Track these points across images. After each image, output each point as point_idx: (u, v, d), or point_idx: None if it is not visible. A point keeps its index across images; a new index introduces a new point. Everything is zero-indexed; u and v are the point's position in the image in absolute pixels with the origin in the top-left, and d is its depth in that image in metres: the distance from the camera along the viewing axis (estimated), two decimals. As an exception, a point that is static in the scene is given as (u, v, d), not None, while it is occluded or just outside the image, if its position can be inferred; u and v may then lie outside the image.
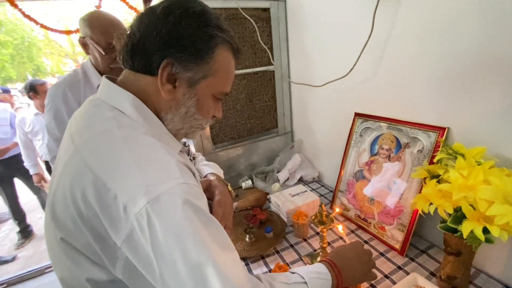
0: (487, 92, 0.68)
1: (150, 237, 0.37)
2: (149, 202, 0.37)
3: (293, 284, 0.50)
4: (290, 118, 1.53)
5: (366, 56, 0.94)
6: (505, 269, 0.74)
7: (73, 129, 0.47)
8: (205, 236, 0.39)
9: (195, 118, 0.52)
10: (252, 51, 1.29)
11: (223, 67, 0.50)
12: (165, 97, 0.48)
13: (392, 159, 0.91)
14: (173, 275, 0.37)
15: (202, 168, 0.73)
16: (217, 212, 0.55)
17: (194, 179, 0.45)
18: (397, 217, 0.88)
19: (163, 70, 0.46)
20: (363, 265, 0.62)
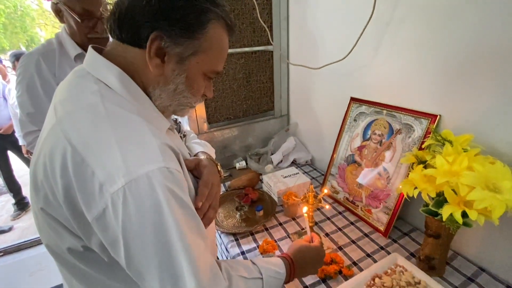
0: (481, 83, 0.68)
1: (123, 217, 0.37)
2: (127, 183, 0.37)
3: (251, 279, 0.52)
4: (287, 100, 1.52)
5: (365, 39, 0.93)
6: (479, 252, 0.77)
7: (57, 99, 0.46)
8: (179, 219, 0.40)
9: (184, 96, 0.50)
10: (251, 29, 1.26)
11: (215, 44, 0.48)
12: (153, 71, 0.46)
13: (383, 144, 0.93)
14: (142, 254, 0.39)
15: (193, 146, 0.72)
16: (202, 191, 0.54)
17: (176, 162, 0.45)
18: (383, 200, 0.90)
19: (152, 43, 0.44)
20: (315, 266, 0.67)
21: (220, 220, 1.04)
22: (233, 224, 1.02)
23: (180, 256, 0.39)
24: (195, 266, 0.40)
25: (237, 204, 1.11)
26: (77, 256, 0.45)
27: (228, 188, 1.23)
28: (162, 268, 0.39)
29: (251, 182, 1.22)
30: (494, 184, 0.57)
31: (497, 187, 0.57)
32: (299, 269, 0.62)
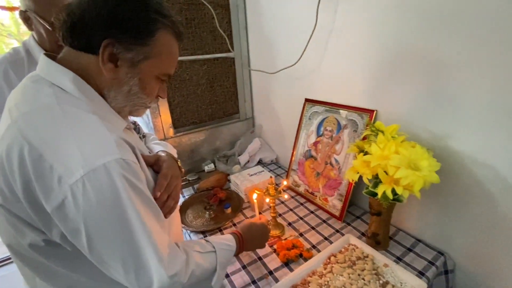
0: (404, 81, 0.81)
1: (84, 206, 0.40)
2: (86, 174, 0.40)
3: (205, 253, 0.59)
4: (251, 104, 1.60)
5: (313, 46, 1.04)
6: (416, 226, 0.91)
7: (11, 103, 0.48)
8: (136, 205, 0.44)
9: (139, 97, 0.54)
10: (211, 37, 1.32)
11: (166, 50, 0.52)
12: (107, 75, 0.49)
13: (334, 139, 1.04)
14: (104, 240, 0.42)
15: (153, 147, 0.75)
16: (160, 183, 0.57)
17: (133, 155, 0.48)
18: (337, 188, 1.01)
19: (104, 49, 0.47)
20: (261, 240, 0.79)
21: (189, 220, 1.07)
22: (202, 223, 1.06)
23: (140, 238, 0.44)
24: (155, 245, 0.45)
25: (206, 204, 1.15)
26: (39, 251, 0.47)
27: (197, 190, 1.26)
28: (124, 251, 0.43)
29: (219, 182, 1.27)
30: (415, 164, 0.69)
31: (417, 166, 0.69)
32: (247, 242, 0.72)
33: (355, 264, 0.78)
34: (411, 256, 0.84)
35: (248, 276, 0.80)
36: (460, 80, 0.68)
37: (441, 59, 0.71)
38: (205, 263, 0.57)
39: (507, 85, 0.61)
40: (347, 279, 0.73)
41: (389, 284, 0.72)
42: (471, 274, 0.80)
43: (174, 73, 0.58)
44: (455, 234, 0.81)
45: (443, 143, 0.76)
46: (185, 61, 1.28)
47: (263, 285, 0.77)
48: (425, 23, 0.71)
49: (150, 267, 0.45)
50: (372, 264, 0.77)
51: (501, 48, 0.60)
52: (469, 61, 0.66)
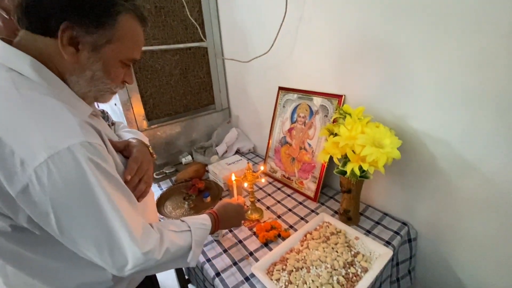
0: (368, 66, 0.86)
1: (50, 190, 0.40)
2: (50, 157, 0.40)
3: (180, 232, 0.61)
4: (226, 94, 1.61)
5: (284, 34, 1.07)
6: (383, 202, 0.98)
7: None
8: (105, 187, 0.44)
9: (103, 82, 0.53)
10: (183, 26, 1.30)
11: (129, 34, 0.51)
12: (68, 60, 0.48)
13: (307, 124, 1.08)
14: (74, 222, 0.43)
15: (123, 134, 0.75)
16: (130, 167, 0.57)
17: (98, 138, 0.48)
18: (311, 171, 1.06)
19: (63, 32, 0.45)
20: (237, 219, 0.82)
21: (168, 211, 1.07)
22: (181, 213, 1.06)
23: (112, 218, 0.44)
24: (127, 224, 0.46)
25: (185, 195, 1.15)
26: (7, 237, 0.47)
27: (175, 182, 1.26)
28: (96, 232, 0.44)
29: (198, 173, 1.27)
30: (379, 142, 0.75)
31: (381, 144, 0.75)
32: (222, 220, 0.76)
33: (329, 239, 0.84)
34: (379, 228, 0.91)
35: (229, 258, 0.82)
36: (416, 64, 0.75)
37: (398, 45, 0.76)
38: (180, 241, 0.59)
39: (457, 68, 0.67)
40: (322, 253, 0.78)
41: (359, 254, 0.78)
42: (431, 241, 0.90)
43: (140, 58, 0.57)
44: (416, 206, 0.89)
45: (403, 122, 0.82)
46: (156, 51, 1.25)
47: (244, 265, 0.80)
48: (385, 12, 0.76)
49: (124, 245, 0.45)
50: (344, 238, 0.83)
51: (447, 36, 0.66)
52: (422, 47, 0.72)
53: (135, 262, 0.47)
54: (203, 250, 0.86)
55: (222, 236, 0.91)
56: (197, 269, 0.87)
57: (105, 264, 0.47)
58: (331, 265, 0.74)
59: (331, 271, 0.72)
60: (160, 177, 1.35)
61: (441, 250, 0.87)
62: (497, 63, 0.61)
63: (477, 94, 0.66)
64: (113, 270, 0.48)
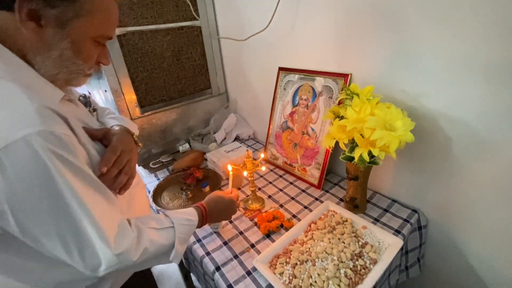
0: (375, 41, 0.78)
1: (3, 185, 0.36)
2: (1, 149, 0.36)
3: (162, 229, 0.56)
4: (223, 77, 1.52)
5: (283, 7, 0.97)
6: (391, 188, 0.93)
7: None
8: (70, 182, 0.40)
9: (74, 63, 0.47)
10: (173, 4, 1.19)
11: (100, 6, 0.46)
12: (29, 37, 0.42)
13: (309, 107, 1.01)
14: (35, 220, 0.39)
15: (107, 121, 0.69)
16: (107, 157, 0.51)
17: (64, 126, 0.43)
18: (314, 158, 1.00)
19: (21, 4, 0.40)
20: (227, 215, 0.78)
21: (165, 202, 1.02)
22: (179, 204, 1.01)
23: (79, 217, 0.40)
24: (96, 224, 0.42)
25: (182, 185, 1.10)
26: None
27: (172, 171, 1.20)
28: (62, 232, 0.40)
29: (196, 161, 1.21)
30: (390, 125, 0.68)
31: (392, 127, 0.68)
32: (211, 215, 0.71)
33: (334, 229, 0.79)
34: (388, 216, 0.86)
35: (230, 251, 0.78)
36: (427, 36, 0.66)
37: (410, 15, 0.68)
38: (161, 239, 0.55)
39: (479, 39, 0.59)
40: (327, 244, 0.73)
41: (368, 244, 0.73)
42: (441, 228, 0.85)
43: (114, 36, 0.52)
44: (428, 192, 0.83)
45: (416, 102, 0.75)
46: (145, 31, 1.16)
47: (245, 258, 0.76)
48: (398, -26, 0.67)
49: (95, 246, 0.42)
50: (351, 227, 0.78)
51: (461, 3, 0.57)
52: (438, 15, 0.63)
53: (108, 264, 0.44)
54: (202, 243, 0.82)
55: (222, 228, 0.87)
56: (197, 263, 0.83)
57: (76, 265, 0.44)
58: (337, 257, 0.69)
59: (338, 264, 0.68)
60: (156, 166, 1.29)
61: (453, 238, 0.83)
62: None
63: (502, 68, 0.58)
64: (86, 270, 0.44)
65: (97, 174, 0.49)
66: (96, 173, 0.48)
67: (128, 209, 0.62)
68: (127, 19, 1.09)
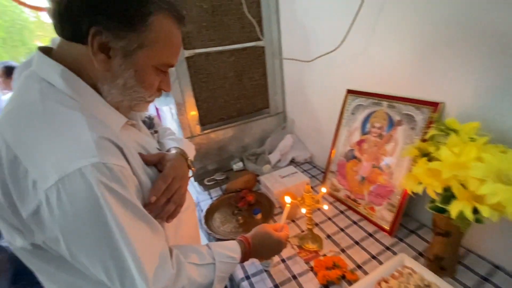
0: (482, 64, 0.62)
1: (59, 213, 0.37)
2: (60, 179, 0.37)
3: (202, 265, 0.54)
4: (282, 97, 1.47)
5: (358, 27, 0.87)
6: (494, 248, 0.71)
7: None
8: (117, 214, 0.40)
9: (136, 91, 0.49)
10: (239, 25, 1.21)
11: (163, 36, 0.47)
12: (99, 67, 0.44)
13: (383, 137, 0.87)
14: (83, 249, 0.40)
15: (166, 142, 0.70)
16: (157, 186, 0.52)
17: (118, 157, 0.43)
18: (386, 197, 0.85)
19: (93, 38, 0.42)
20: (271, 254, 0.72)
21: (216, 225, 0.99)
22: (230, 229, 0.97)
23: (123, 251, 0.40)
24: (138, 259, 0.41)
25: (234, 208, 1.06)
26: (31, 254, 0.45)
27: (224, 192, 1.18)
28: (105, 260, 0.41)
29: (248, 184, 1.17)
30: (507, 176, 0.51)
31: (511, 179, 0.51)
32: (254, 252, 0.66)
33: (414, 295, 0.63)
34: (488, 287, 0.66)
35: (281, 298, 0.69)
36: None
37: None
38: (200, 277, 0.53)
39: None
40: (405, 317, 0.59)
41: (463, 328, 0.56)
42: None
43: (176, 63, 0.52)
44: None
45: (546, 146, 0.56)
46: (212, 53, 1.18)
47: (299, 312, 0.66)
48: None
49: (134, 279, 0.42)
50: (437, 297, 0.62)
51: None
52: None
53: None
54: (251, 282, 0.75)
55: (273, 266, 0.79)
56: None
57: None
58: None
59: None
60: (211, 183, 1.29)
61: None
62: None
63: None
64: None
65: (147, 201, 0.49)
66: (145, 200, 0.49)
67: (175, 235, 0.61)
68: (195, 41, 1.13)
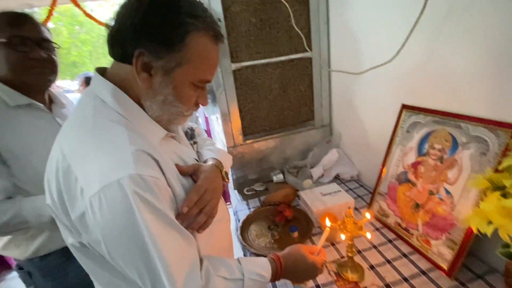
0: None
1: (100, 219, 0.41)
2: (101, 188, 0.41)
3: (231, 280, 0.53)
4: (328, 109, 1.40)
5: (417, 36, 0.79)
6: None
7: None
8: (149, 224, 0.42)
9: (174, 106, 0.52)
10: (287, 37, 1.20)
11: (199, 54, 0.49)
12: (142, 85, 0.49)
13: (445, 161, 0.75)
14: (120, 253, 0.43)
15: (204, 153, 0.72)
16: (190, 197, 0.53)
17: (154, 169, 0.46)
18: (446, 231, 0.73)
19: (137, 59, 0.47)
20: (303, 278, 0.67)
21: (251, 238, 0.99)
22: (264, 244, 0.95)
23: (153, 256, 0.43)
24: (167, 266, 0.43)
25: (270, 223, 1.04)
26: (79, 251, 0.50)
27: (262, 204, 1.17)
28: (138, 265, 0.43)
29: (287, 198, 1.14)
30: None
31: None
32: (286, 273, 0.63)
33: None
34: None
35: (313, 329, 0.64)
36: None
37: None
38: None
39: None
40: None
41: None
42: None
43: (212, 78, 0.54)
44: None
45: None
46: (258, 65, 1.20)
47: None
48: None
49: (165, 286, 0.44)
50: None
51: None
52: None
53: None
54: (282, 305, 0.71)
55: (306, 291, 0.74)
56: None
57: None
58: None
59: None
60: (250, 193, 1.30)
61: None
62: None
63: None
64: None
65: (179, 211, 0.51)
66: (179, 210, 0.51)
67: (206, 246, 0.61)
68: (243, 55, 1.17)
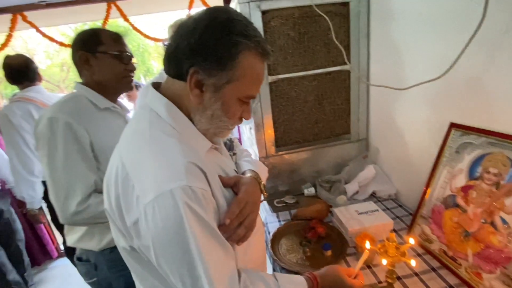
0: None
1: (153, 226, 0.44)
2: (155, 197, 0.43)
3: None
4: (365, 123, 1.36)
5: (472, 51, 0.73)
6: None
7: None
8: (196, 234, 0.44)
9: (221, 120, 0.55)
10: (325, 50, 1.19)
11: (248, 72, 0.52)
12: (193, 101, 0.52)
13: (502, 187, 0.69)
14: (167, 260, 0.46)
15: (242, 164, 0.74)
16: (232, 210, 0.55)
17: (202, 181, 0.49)
18: (502, 265, 0.65)
19: (191, 77, 0.50)
20: None
21: (282, 253, 0.97)
22: (296, 260, 0.93)
23: (197, 265, 0.45)
24: (209, 276, 0.45)
25: (302, 238, 1.02)
26: (129, 254, 0.54)
27: (293, 217, 1.15)
28: (183, 273, 0.45)
29: (320, 214, 1.11)
30: None
31: None
32: None
33: None
34: None
35: None
36: None
37: None
38: None
39: None
40: None
41: None
42: None
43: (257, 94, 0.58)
44: None
45: None
46: (294, 78, 1.21)
47: None
48: None
49: None
50: None
51: None
52: None
53: None
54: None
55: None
56: None
57: None
58: None
59: None
60: (280, 206, 1.29)
61: None
62: None
63: None
64: None
65: (221, 223, 0.53)
66: (220, 222, 0.53)
67: (244, 257, 0.62)
68: (280, 68, 1.18)
